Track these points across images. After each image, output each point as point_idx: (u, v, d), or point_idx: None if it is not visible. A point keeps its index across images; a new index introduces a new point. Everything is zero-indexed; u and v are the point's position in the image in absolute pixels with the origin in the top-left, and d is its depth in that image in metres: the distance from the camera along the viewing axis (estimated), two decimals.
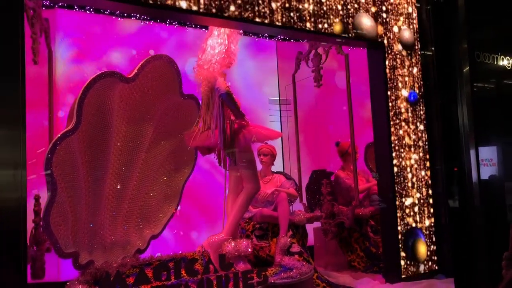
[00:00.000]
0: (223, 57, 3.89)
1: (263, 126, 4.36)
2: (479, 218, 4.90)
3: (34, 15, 3.61)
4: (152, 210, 4.28)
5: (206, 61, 3.92)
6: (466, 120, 4.97)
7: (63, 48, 5.01)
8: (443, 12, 5.08)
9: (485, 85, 5.23)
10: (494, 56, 5.02)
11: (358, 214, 5.12)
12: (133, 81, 3.84)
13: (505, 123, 5.32)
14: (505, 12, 5.24)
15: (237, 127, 3.88)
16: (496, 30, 5.39)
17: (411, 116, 4.93)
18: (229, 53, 3.92)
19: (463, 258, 4.79)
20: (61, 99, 4.89)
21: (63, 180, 3.35)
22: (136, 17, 5.34)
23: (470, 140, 4.95)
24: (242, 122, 3.91)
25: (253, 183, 3.99)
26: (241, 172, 3.99)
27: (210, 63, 3.89)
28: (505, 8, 5.27)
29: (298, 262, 3.96)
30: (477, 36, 5.04)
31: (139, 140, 4.07)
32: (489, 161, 4.81)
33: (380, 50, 4.80)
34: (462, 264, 4.80)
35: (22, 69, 3.00)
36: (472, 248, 4.87)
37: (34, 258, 3.64)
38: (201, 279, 3.08)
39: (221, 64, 3.89)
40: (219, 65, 3.88)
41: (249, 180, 3.97)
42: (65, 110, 4.61)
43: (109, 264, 3.59)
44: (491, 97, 5.36)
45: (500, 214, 5.16)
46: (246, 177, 3.96)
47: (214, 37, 3.97)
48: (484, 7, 5.20)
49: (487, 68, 4.99)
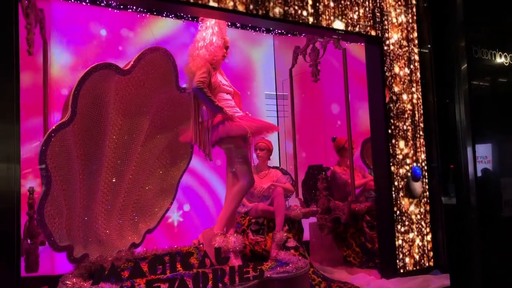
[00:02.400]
0: (205, 51, 3.83)
1: (257, 119, 4.15)
2: (474, 214, 4.91)
3: (29, 5, 3.55)
4: (147, 204, 4.25)
5: (190, 55, 3.89)
6: (463, 117, 4.97)
7: (58, 39, 4.95)
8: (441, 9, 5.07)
9: (482, 83, 5.23)
10: (492, 52, 5.01)
11: (354, 209, 5.12)
12: (129, 73, 3.79)
13: (501, 120, 5.33)
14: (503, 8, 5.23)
15: (219, 121, 3.76)
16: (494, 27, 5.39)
17: (409, 113, 4.92)
18: (210, 47, 3.84)
19: (458, 254, 4.81)
20: (55, 92, 4.85)
21: (58, 172, 3.32)
22: (133, 9, 5.29)
23: (467, 137, 4.96)
24: (225, 115, 3.74)
25: (243, 178, 3.83)
26: (234, 167, 3.92)
27: (192, 56, 3.86)
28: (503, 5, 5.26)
29: (294, 257, 3.95)
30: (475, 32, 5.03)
31: (135, 133, 4.04)
32: (484, 158, 4.82)
33: (378, 45, 4.79)
34: (457, 260, 4.82)
35: (16, 60, 2.96)
36: (467, 244, 4.89)
37: (28, 251, 3.60)
38: (197, 273, 3.06)
39: (204, 58, 3.81)
40: (201, 59, 3.81)
41: (240, 175, 3.86)
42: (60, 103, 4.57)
43: (104, 258, 3.56)
44: (488, 95, 5.37)
45: (495, 211, 5.18)
46: (238, 172, 3.90)
47: (201, 31, 3.93)
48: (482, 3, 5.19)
49: (484, 64, 4.98)
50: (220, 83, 3.87)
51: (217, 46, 3.86)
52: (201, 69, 3.75)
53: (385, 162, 4.74)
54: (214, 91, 3.84)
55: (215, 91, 3.85)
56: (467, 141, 4.99)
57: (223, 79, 3.97)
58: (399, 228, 4.72)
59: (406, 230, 4.75)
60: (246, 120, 3.85)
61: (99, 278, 2.87)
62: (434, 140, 5.04)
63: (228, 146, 3.85)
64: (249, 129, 3.72)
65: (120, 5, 5.12)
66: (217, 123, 3.75)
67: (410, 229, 4.78)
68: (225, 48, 3.95)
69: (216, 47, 3.86)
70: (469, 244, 4.87)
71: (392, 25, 4.88)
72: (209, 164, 4.86)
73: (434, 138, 5.04)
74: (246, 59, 6.35)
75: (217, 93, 3.86)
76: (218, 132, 3.73)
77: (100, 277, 2.87)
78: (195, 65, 3.79)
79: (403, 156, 4.84)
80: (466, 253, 4.86)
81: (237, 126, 3.72)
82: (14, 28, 2.94)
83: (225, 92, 3.91)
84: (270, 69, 6.57)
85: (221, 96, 3.87)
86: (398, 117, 4.83)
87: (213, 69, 3.88)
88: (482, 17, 5.21)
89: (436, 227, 4.94)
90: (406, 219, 4.78)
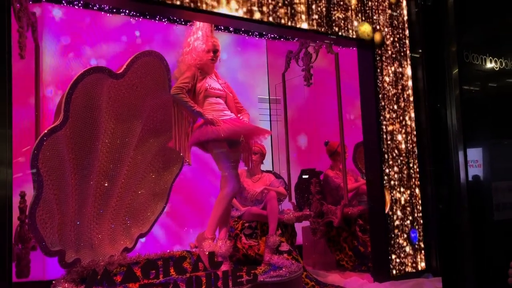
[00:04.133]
0: (190, 57, 3.85)
1: (242, 122, 3.95)
2: (466, 218, 4.95)
3: (21, 8, 3.53)
4: (140, 208, 4.23)
5: (177, 61, 3.95)
6: (455, 121, 5.02)
7: (50, 43, 4.93)
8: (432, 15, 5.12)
9: (473, 87, 5.28)
10: (483, 57, 5.07)
11: (347, 213, 5.13)
12: (122, 77, 3.78)
13: (492, 125, 5.39)
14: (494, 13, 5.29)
15: (198, 125, 3.77)
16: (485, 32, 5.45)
17: (401, 117, 4.95)
18: (193, 52, 3.86)
19: (450, 257, 4.83)
20: (47, 94, 4.82)
21: (50, 176, 3.29)
22: (125, 13, 5.28)
23: (458, 141, 5.00)
24: (206, 120, 3.74)
25: (229, 183, 3.80)
26: (221, 172, 3.91)
27: (178, 62, 3.91)
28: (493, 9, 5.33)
29: (287, 261, 3.96)
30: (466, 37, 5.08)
31: (128, 137, 4.02)
32: (474, 162, 4.86)
33: (370, 49, 4.82)
34: (449, 263, 4.84)
35: (8, 63, 2.94)
36: (459, 247, 4.92)
37: (19, 256, 3.57)
38: (190, 277, 3.05)
39: (188, 64, 3.84)
40: (185, 64, 3.85)
41: (223, 180, 3.84)
42: (52, 106, 4.54)
43: (96, 262, 3.54)
44: (479, 99, 5.42)
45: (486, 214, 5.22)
46: (223, 177, 3.88)
47: (186, 36, 3.97)
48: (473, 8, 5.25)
49: (475, 69, 5.04)
50: (207, 87, 3.86)
51: (200, 51, 3.87)
52: (184, 74, 3.80)
53: (377, 166, 4.75)
54: (198, 96, 3.85)
55: (200, 96, 3.85)
56: (459, 145, 5.04)
57: (214, 83, 3.95)
58: (392, 232, 4.73)
59: (398, 234, 4.76)
60: (230, 124, 3.79)
61: (92, 282, 2.84)
62: (425, 144, 5.07)
63: (213, 151, 3.83)
64: (223, 133, 3.68)
65: (113, 9, 5.11)
66: (196, 128, 3.79)
67: (402, 232, 4.79)
68: (213, 52, 3.91)
69: (199, 52, 3.87)
70: (461, 248, 4.91)
71: (384, 29, 4.92)
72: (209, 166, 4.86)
73: (426, 142, 5.07)
74: (239, 63, 6.36)
75: (203, 98, 3.86)
76: (193, 136, 3.77)
77: (93, 281, 2.84)
78: (179, 71, 3.85)
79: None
80: (458, 256, 4.89)
81: (211, 130, 3.69)
82: (6, 32, 2.93)
83: (213, 95, 3.89)
84: (263, 73, 6.59)
85: (209, 101, 3.87)
86: (390, 121, 4.86)
87: (203, 73, 3.90)
88: (473, 21, 5.27)
89: (428, 230, 4.96)
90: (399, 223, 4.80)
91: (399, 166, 4.86)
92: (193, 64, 3.86)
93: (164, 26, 5.68)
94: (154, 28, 5.62)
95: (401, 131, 4.93)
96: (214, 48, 3.92)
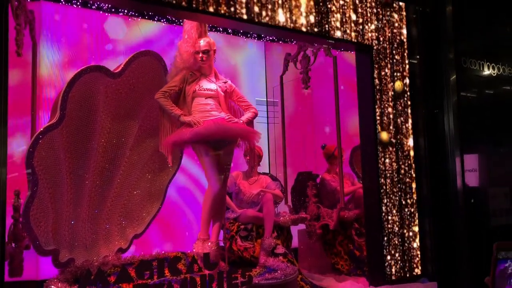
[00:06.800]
0: (179, 60, 3.86)
1: (228, 123, 3.83)
2: (462, 223, 4.96)
3: (19, 6, 3.51)
4: (135, 208, 4.21)
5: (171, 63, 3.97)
6: (452, 127, 5.03)
7: (48, 41, 4.91)
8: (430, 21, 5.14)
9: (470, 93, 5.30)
10: (480, 62, 5.08)
11: (343, 216, 5.11)
12: (119, 76, 3.77)
13: (489, 131, 5.41)
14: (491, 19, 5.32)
15: (181, 126, 3.76)
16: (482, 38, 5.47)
17: (398, 123, 4.95)
18: (181, 56, 3.86)
19: (446, 262, 4.83)
20: (44, 94, 4.80)
21: (45, 175, 3.27)
22: (124, 13, 5.27)
23: (455, 147, 5.01)
24: (185, 121, 3.71)
25: (209, 185, 3.83)
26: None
27: (171, 65, 3.93)
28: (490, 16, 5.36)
29: (283, 264, 3.94)
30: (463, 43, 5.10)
31: (124, 137, 4.00)
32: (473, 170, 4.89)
33: (368, 53, 4.82)
34: (445, 268, 4.84)
35: (5, 61, 2.92)
36: (455, 252, 4.92)
37: (12, 255, 3.53)
38: (184, 278, 3.03)
39: (178, 67, 3.86)
40: (175, 68, 3.87)
41: (208, 181, 3.86)
42: (49, 105, 4.52)
43: (90, 262, 3.51)
44: (476, 104, 5.44)
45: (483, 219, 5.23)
46: (207, 178, 3.89)
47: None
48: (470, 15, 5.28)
49: (473, 75, 5.06)
50: (196, 89, 3.84)
51: (187, 53, 3.86)
52: (172, 78, 3.85)
53: (374, 169, 4.75)
54: (187, 98, 3.85)
55: (188, 98, 3.85)
56: (456, 151, 5.05)
57: (208, 83, 3.90)
58: (387, 236, 4.72)
59: (394, 238, 4.75)
60: (212, 123, 3.74)
61: (85, 282, 2.81)
62: (423, 149, 5.07)
63: (196, 153, 3.85)
64: (196, 135, 3.65)
65: (111, 8, 5.10)
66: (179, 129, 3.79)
67: (398, 237, 4.78)
68: (202, 52, 3.84)
69: (186, 55, 3.86)
70: (457, 252, 4.91)
71: (382, 35, 4.92)
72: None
73: (423, 147, 5.07)
74: (237, 65, 6.35)
75: (192, 99, 3.85)
76: (169, 138, 3.77)
77: (86, 281, 2.81)
78: (170, 75, 3.88)
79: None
80: (454, 261, 4.90)
81: (185, 131, 3.68)
82: (3, 29, 2.91)
83: (203, 96, 3.85)
84: (261, 76, 6.58)
85: (197, 101, 3.85)
86: (388, 126, 4.86)
87: (200, 74, 3.89)
88: (471, 28, 5.30)
89: (424, 235, 4.95)
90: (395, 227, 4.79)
91: (395, 170, 4.86)
92: (182, 67, 3.86)
93: (164, 26, 5.67)
94: (153, 28, 5.61)
95: (398, 136, 4.92)
96: (201, 48, 3.85)
